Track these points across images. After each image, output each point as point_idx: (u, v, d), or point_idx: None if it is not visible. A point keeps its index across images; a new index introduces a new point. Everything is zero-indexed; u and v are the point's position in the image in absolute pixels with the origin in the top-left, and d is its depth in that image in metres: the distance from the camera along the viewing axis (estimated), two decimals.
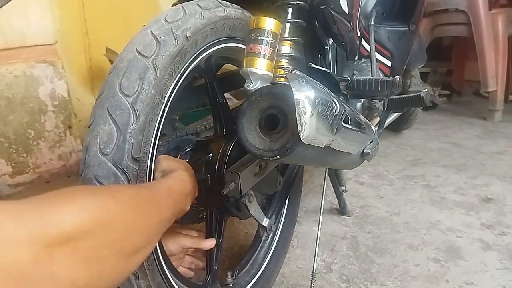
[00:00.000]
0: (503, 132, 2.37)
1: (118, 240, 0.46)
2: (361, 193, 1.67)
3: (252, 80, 0.71)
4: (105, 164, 0.59)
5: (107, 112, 0.61)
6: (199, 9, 0.74)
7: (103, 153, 0.59)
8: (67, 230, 0.41)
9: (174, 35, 0.68)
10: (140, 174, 0.63)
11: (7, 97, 1.72)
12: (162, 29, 0.68)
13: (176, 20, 0.70)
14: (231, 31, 0.81)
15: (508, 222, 1.40)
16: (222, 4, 0.80)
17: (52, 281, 0.39)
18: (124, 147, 0.60)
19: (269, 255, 1.10)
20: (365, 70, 1.21)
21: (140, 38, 0.67)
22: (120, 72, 0.63)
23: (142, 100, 0.62)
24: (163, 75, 0.66)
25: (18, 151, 1.76)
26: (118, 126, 0.60)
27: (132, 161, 0.61)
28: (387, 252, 1.26)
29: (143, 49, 0.65)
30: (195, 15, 0.73)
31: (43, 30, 1.85)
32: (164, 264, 0.70)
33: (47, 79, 1.84)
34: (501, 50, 2.46)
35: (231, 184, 0.77)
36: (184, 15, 0.71)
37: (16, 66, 1.75)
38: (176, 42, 0.68)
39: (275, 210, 1.11)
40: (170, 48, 0.67)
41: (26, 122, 1.77)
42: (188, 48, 0.71)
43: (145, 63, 0.64)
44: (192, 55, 0.73)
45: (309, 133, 0.62)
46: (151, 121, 0.64)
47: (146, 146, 0.64)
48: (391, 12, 1.44)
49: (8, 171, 1.74)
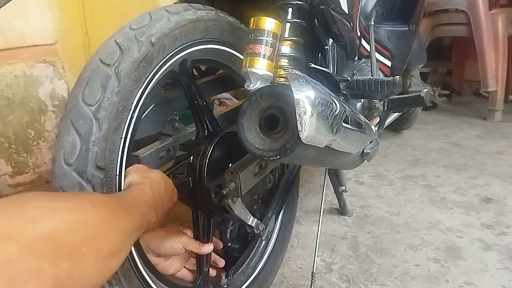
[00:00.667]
0: (503, 132, 2.37)
1: (95, 240, 0.48)
2: (361, 193, 1.67)
3: (252, 80, 0.71)
4: (69, 175, 0.60)
5: (70, 122, 0.62)
6: (166, 14, 0.74)
7: (67, 163, 0.60)
8: (49, 226, 0.43)
9: (138, 42, 0.68)
10: (107, 182, 0.64)
11: (7, 97, 1.72)
12: (126, 36, 0.68)
13: (141, 26, 0.70)
14: (205, 33, 0.81)
15: (508, 222, 1.40)
16: (193, 7, 0.80)
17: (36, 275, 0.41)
18: (87, 156, 0.61)
19: (266, 254, 1.09)
20: (365, 70, 1.21)
21: (104, 47, 0.68)
22: (83, 82, 0.64)
23: (105, 109, 0.63)
24: (127, 82, 0.66)
25: (18, 151, 1.76)
26: (80, 136, 0.61)
27: (97, 170, 0.62)
28: (387, 252, 1.26)
29: (106, 58, 0.65)
30: (161, 20, 0.73)
31: (43, 30, 1.84)
32: (143, 270, 0.70)
33: (47, 79, 1.83)
34: (501, 50, 2.46)
35: (231, 184, 0.78)
36: (149, 20, 0.72)
37: (16, 66, 1.75)
38: (140, 49, 0.68)
39: (275, 210, 1.11)
40: (133, 54, 0.67)
41: (26, 122, 1.77)
42: (154, 54, 0.71)
43: (107, 72, 0.64)
44: (160, 60, 0.73)
45: (309, 133, 0.62)
46: (116, 128, 0.65)
47: (112, 153, 0.64)
48: (391, 12, 1.43)
49: (8, 171, 1.74)
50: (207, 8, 0.83)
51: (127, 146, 0.68)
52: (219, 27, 0.85)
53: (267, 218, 1.01)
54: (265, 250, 1.10)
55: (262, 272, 1.06)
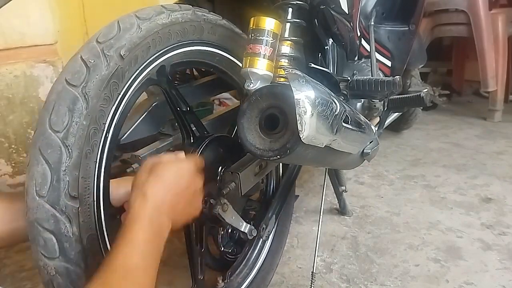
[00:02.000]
0: (503, 132, 2.37)
1: None
2: (361, 193, 1.66)
3: (252, 80, 0.71)
4: (43, 207, 0.57)
5: (39, 151, 0.58)
6: (136, 21, 0.69)
7: (40, 195, 0.58)
8: None
9: (106, 57, 0.63)
10: (83, 211, 0.61)
11: (7, 97, 1.72)
12: (93, 52, 0.63)
13: (109, 38, 0.65)
14: (182, 36, 0.77)
15: (508, 222, 1.40)
16: (167, 9, 0.74)
17: None
18: (59, 186, 0.58)
19: (263, 253, 1.07)
20: (365, 70, 1.21)
21: (70, 65, 0.63)
22: (50, 106, 0.60)
23: (74, 134, 0.59)
24: (97, 102, 0.62)
25: (18, 151, 1.76)
26: (50, 165, 0.58)
27: (71, 200, 0.59)
28: (387, 252, 1.26)
29: (72, 78, 0.61)
30: (130, 29, 0.67)
31: (43, 30, 1.84)
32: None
33: (47, 79, 1.83)
34: (501, 50, 2.46)
35: (231, 184, 0.78)
36: (118, 31, 0.66)
37: (16, 66, 1.75)
38: (108, 64, 0.63)
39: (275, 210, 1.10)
40: (101, 72, 0.62)
41: (26, 122, 1.77)
42: (125, 67, 0.66)
43: (74, 93, 0.60)
44: (133, 73, 0.69)
45: (309, 133, 0.62)
46: (88, 153, 0.62)
47: (86, 180, 0.61)
48: (391, 12, 1.43)
49: (8, 171, 1.74)
50: (183, 7, 0.77)
51: (103, 170, 0.64)
52: (198, 27, 0.80)
53: (267, 218, 1.01)
54: (262, 249, 1.07)
55: (260, 272, 1.04)
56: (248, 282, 1.01)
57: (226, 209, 0.79)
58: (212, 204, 0.76)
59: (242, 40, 0.89)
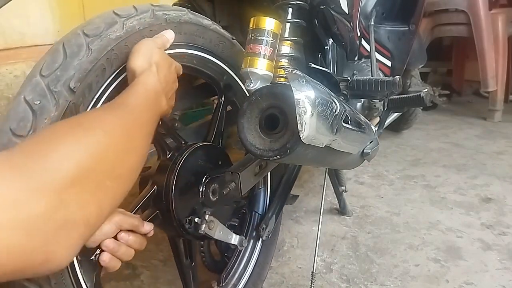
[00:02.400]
0: (503, 132, 2.37)
1: (115, 167, 0.48)
2: (361, 193, 1.66)
3: (252, 80, 0.71)
4: None
5: None
6: (84, 41, 0.59)
7: None
8: (70, 172, 0.42)
9: (53, 94, 0.55)
10: None
11: (7, 97, 1.72)
12: (37, 89, 0.55)
13: (54, 70, 0.56)
14: None
15: (508, 222, 1.40)
16: (120, 16, 0.64)
17: (67, 226, 0.41)
18: None
19: (257, 249, 1.03)
20: (365, 70, 1.21)
21: (13, 110, 0.54)
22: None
23: None
24: None
25: None
26: None
27: None
28: (387, 252, 1.26)
29: (17, 127, 0.52)
30: (78, 53, 0.58)
31: (43, 30, 1.84)
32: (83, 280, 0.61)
33: None
34: (501, 50, 2.46)
35: (231, 184, 0.77)
36: (64, 58, 0.57)
37: (16, 66, 1.75)
38: (57, 103, 0.55)
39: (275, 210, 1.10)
40: (50, 113, 0.54)
41: None
42: (78, 101, 0.57)
43: None
44: (89, 103, 0.60)
45: (309, 133, 0.63)
46: None
47: None
48: (391, 12, 1.44)
49: None
50: (140, 10, 0.68)
51: None
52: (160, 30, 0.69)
53: (268, 218, 1.01)
54: (255, 245, 1.04)
55: (255, 268, 1.02)
56: (245, 280, 0.99)
57: (212, 226, 0.76)
58: (198, 224, 0.74)
59: (211, 32, 0.81)
